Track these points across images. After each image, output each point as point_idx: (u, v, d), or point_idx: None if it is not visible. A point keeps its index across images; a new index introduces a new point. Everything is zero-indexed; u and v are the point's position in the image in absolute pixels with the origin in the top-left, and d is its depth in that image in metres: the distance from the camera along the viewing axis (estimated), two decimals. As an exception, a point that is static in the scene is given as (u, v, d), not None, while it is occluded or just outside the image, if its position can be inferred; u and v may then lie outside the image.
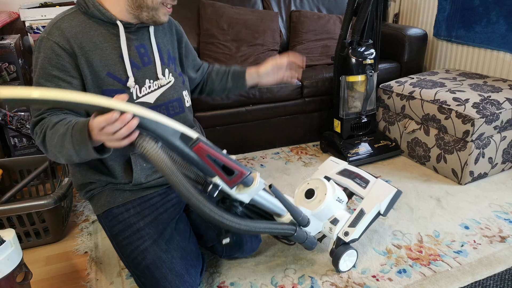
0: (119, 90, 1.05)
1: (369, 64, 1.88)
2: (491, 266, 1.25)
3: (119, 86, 1.05)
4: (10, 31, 2.17)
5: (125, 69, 1.06)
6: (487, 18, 2.05)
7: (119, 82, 1.06)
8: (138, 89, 1.08)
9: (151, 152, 0.81)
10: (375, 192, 1.25)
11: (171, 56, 1.19)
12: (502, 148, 1.77)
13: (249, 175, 0.93)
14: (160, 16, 1.06)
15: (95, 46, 1.03)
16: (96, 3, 1.04)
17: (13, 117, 1.80)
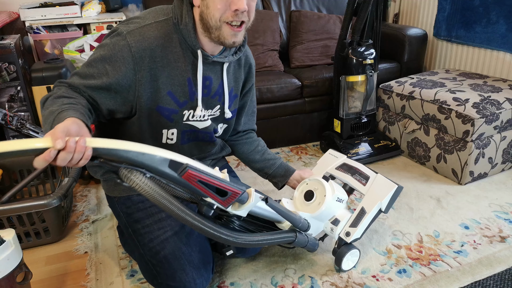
0: (173, 110, 1.08)
1: (369, 64, 1.88)
2: (491, 266, 1.25)
3: (174, 106, 1.07)
4: (10, 31, 2.17)
5: (187, 92, 1.07)
6: (487, 18, 2.05)
7: (175, 102, 1.07)
8: (192, 113, 1.11)
9: (139, 184, 0.80)
10: (375, 189, 1.22)
11: (232, 94, 1.20)
12: (502, 148, 1.77)
13: (244, 193, 0.91)
14: (225, 36, 0.99)
15: (167, 63, 1.03)
16: (190, 25, 1.01)
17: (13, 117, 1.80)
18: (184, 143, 1.16)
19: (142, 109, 1.05)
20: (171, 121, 1.09)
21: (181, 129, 1.12)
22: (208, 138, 1.20)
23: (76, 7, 2.14)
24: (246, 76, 1.23)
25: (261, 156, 1.34)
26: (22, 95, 1.85)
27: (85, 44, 2.01)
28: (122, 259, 1.33)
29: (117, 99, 1.02)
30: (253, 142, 1.35)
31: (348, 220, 1.21)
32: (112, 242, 1.42)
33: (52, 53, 2.14)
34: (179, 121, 1.10)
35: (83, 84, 0.99)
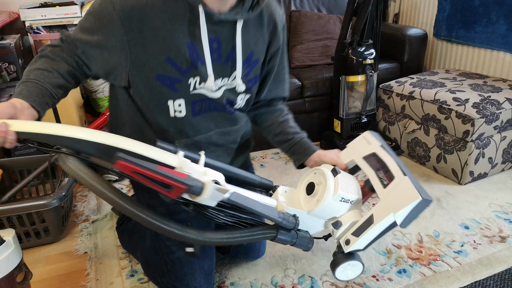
0: (175, 79, 0.94)
1: (369, 64, 1.88)
2: (491, 266, 1.25)
3: (177, 75, 0.94)
4: (10, 31, 2.17)
5: (188, 58, 0.92)
6: (487, 18, 2.05)
7: (177, 70, 0.93)
8: (198, 81, 0.96)
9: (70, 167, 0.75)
10: (394, 196, 0.96)
11: (251, 60, 1.01)
12: (502, 148, 1.76)
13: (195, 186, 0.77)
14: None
15: (162, 25, 0.88)
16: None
17: (13, 117, 1.80)
18: (196, 115, 1.01)
19: (139, 77, 0.94)
20: (175, 91, 0.96)
21: (188, 99, 0.98)
22: (223, 108, 1.04)
23: (76, 7, 2.14)
24: (270, 37, 1.03)
25: (282, 129, 1.13)
26: (22, 95, 1.85)
27: (85, 44, 2.00)
28: (122, 259, 1.33)
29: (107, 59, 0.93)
30: (275, 112, 1.16)
31: (352, 225, 0.98)
32: (112, 242, 1.42)
33: (52, 53, 2.13)
34: (185, 91, 0.97)
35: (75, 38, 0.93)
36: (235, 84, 1.01)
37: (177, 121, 0.99)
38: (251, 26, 0.98)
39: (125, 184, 1.80)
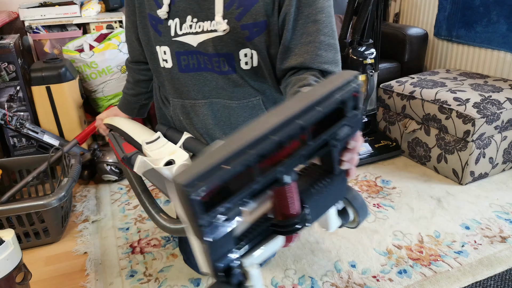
0: (158, 19, 0.90)
1: (369, 64, 1.88)
2: (491, 267, 1.25)
3: (158, 14, 0.90)
4: (9, 31, 2.17)
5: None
6: (487, 17, 2.05)
7: (158, 7, 0.90)
8: (178, 25, 0.90)
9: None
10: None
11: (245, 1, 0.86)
12: (503, 148, 1.76)
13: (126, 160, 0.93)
14: None
15: None
16: None
17: (13, 117, 1.79)
18: (184, 71, 0.95)
19: (139, 18, 0.98)
20: (159, 33, 0.93)
21: (173, 48, 0.93)
22: (218, 67, 0.91)
23: (75, 6, 2.13)
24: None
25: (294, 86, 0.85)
26: (22, 95, 1.85)
27: (85, 43, 2.00)
28: (121, 259, 1.33)
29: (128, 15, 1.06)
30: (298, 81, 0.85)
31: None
32: (112, 242, 1.42)
33: (52, 52, 2.13)
34: (167, 35, 0.92)
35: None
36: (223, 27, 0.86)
37: (167, 74, 0.99)
38: None
39: (125, 184, 1.80)
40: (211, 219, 0.45)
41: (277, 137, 0.46)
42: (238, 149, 0.43)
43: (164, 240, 1.41)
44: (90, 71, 1.96)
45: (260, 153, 0.45)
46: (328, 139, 0.54)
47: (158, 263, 1.30)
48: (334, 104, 0.52)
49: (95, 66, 1.95)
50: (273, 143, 0.46)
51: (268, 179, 0.48)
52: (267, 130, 0.45)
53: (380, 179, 1.80)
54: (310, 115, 0.49)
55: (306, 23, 0.85)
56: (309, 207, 0.59)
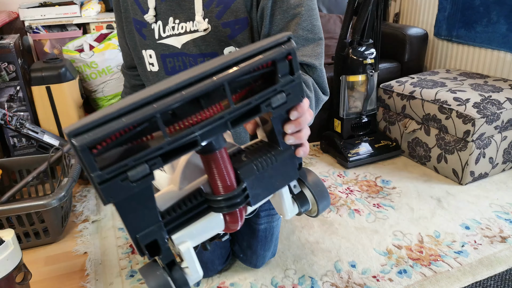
0: (142, 23, 0.91)
1: (369, 64, 1.88)
2: (491, 267, 1.25)
3: (141, 18, 0.90)
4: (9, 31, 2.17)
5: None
6: (487, 17, 2.05)
7: (141, 11, 0.90)
8: (161, 27, 0.90)
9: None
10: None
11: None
12: (503, 148, 1.76)
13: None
14: None
15: None
16: None
17: (13, 117, 1.79)
18: (170, 74, 0.95)
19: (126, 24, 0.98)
20: (144, 37, 0.94)
21: (158, 51, 0.94)
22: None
23: (75, 6, 2.13)
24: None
25: None
26: (22, 95, 1.85)
27: (85, 43, 2.00)
28: (121, 259, 1.33)
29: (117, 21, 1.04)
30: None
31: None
32: (112, 242, 1.42)
33: (52, 52, 2.13)
34: (152, 38, 0.93)
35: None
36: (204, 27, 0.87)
37: (155, 78, 0.99)
38: None
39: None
40: (106, 175, 0.41)
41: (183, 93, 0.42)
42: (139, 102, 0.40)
43: (164, 240, 1.41)
44: (90, 71, 1.96)
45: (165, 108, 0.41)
46: (259, 104, 0.49)
47: (158, 263, 1.30)
48: (260, 64, 0.48)
49: (95, 66, 1.95)
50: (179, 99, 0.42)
51: (181, 141, 0.44)
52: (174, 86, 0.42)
53: (380, 179, 1.80)
54: (229, 73, 0.45)
55: (284, 18, 0.85)
56: (248, 184, 0.53)
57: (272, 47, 0.49)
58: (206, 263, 1.18)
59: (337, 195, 1.67)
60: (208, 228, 0.54)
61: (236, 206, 0.52)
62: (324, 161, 1.97)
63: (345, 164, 1.90)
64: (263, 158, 0.55)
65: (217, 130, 0.47)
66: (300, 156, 0.57)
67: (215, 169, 0.51)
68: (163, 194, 0.54)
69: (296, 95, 0.52)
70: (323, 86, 0.89)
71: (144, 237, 0.48)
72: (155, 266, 0.51)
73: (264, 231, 1.19)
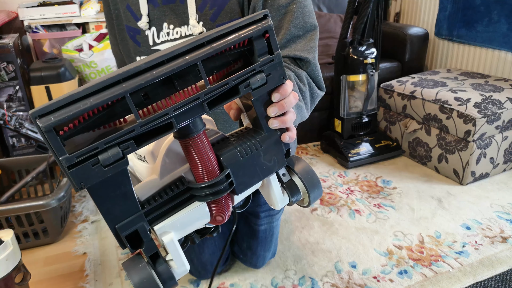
0: (135, 30, 0.91)
1: (370, 64, 1.87)
2: (492, 267, 1.24)
3: (135, 25, 0.90)
4: (8, 30, 2.16)
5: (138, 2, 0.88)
6: (488, 17, 2.04)
7: (134, 18, 0.90)
8: (155, 33, 0.90)
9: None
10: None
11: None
12: (504, 148, 1.76)
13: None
14: None
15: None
16: None
17: (12, 116, 1.79)
18: None
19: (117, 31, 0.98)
20: (138, 44, 0.94)
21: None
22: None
23: (75, 6, 2.13)
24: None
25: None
26: (21, 94, 1.84)
27: (84, 43, 2.00)
28: (121, 259, 1.32)
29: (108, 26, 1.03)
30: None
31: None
32: (111, 242, 1.41)
33: (51, 52, 2.13)
34: (146, 45, 0.93)
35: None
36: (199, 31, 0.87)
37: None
38: None
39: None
40: (74, 158, 0.39)
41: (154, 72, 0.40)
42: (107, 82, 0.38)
43: (164, 241, 1.41)
44: (89, 70, 1.96)
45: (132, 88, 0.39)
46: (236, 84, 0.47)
47: (158, 264, 1.30)
48: (235, 43, 0.45)
49: (94, 66, 1.94)
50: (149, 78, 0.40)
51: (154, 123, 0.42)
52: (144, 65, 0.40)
53: (380, 179, 1.79)
54: (202, 51, 0.43)
55: (276, 16, 0.84)
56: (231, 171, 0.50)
57: (248, 25, 0.46)
58: (206, 265, 1.18)
59: (337, 195, 1.67)
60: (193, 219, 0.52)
61: (220, 194, 0.50)
62: (325, 161, 1.97)
63: (346, 164, 1.90)
64: (247, 144, 0.52)
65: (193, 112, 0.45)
66: (286, 141, 0.54)
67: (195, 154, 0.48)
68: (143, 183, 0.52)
69: (277, 76, 0.50)
70: (318, 81, 0.88)
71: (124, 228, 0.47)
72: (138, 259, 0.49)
73: (264, 231, 1.18)
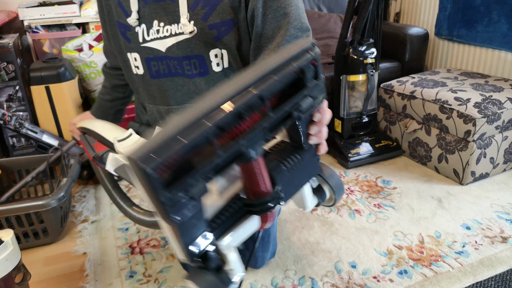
0: (126, 26, 0.91)
1: (370, 64, 1.87)
2: (492, 267, 1.24)
3: (125, 21, 0.91)
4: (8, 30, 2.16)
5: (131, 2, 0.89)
6: (488, 17, 2.04)
7: (124, 14, 0.91)
8: (145, 30, 0.90)
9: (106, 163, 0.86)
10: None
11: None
12: (504, 148, 1.76)
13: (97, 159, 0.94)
14: None
15: None
16: None
17: (12, 117, 1.79)
18: (155, 78, 0.95)
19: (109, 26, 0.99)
20: (128, 41, 0.94)
21: (142, 54, 0.94)
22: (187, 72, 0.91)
23: (75, 6, 2.13)
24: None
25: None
26: (21, 94, 1.84)
27: (84, 43, 2.00)
28: (121, 260, 1.32)
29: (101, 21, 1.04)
30: None
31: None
32: (111, 242, 1.41)
33: (51, 52, 2.12)
34: (136, 42, 0.93)
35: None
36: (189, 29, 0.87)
37: (140, 81, 1.00)
38: None
39: (124, 184, 1.80)
40: (173, 196, 0.41)
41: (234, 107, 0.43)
42: (193, 120, 0.41)
43: (164, 241, 1.41)
44: (89, 70, 1.96)
45: (218, 124, 0.42)
46: (291, 110, 0.52)
47: (158, 264, 1.30)
48: (292, 72, 0.50)
49: (94, 66, 1.94)
50: (230, 113, 0.43)
51: (231, 153, 0.46)
52: (222, 100, 0.43)
53: (380, 179, 1.79)
54: (266, 84, 0.47)
55: (275, 17, 0.86)
56: (280, 185, 0.56)
57: (300, 55, 0.51)
58: None
59: (337, 195, 1.67)
60: (248, 230, 0.58)
61: (273, 207, 0.56)
62: (324, 161, 1.97)
63: (346, 164, 1.90)
64: (291, 159, 0.58)
65: (259, 139, 0.49)
66: (321, 153, 0.62)
67: (253, 176, 0.53)
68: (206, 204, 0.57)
69: (319, 98, 0.56)
70: None
71: (196, 248, 0.50)
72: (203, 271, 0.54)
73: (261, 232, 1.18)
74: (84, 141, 1.06)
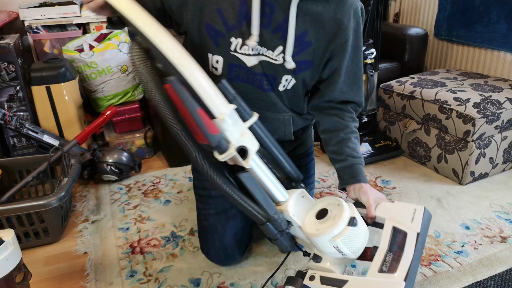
0: (220, 33, 0.98)
1: (369, 64, 1.88)
2: (491, 267, 1.25)
3: (222, 29, 0.98)
4: (9, 31, 2.16)
5: (236, 14, 0.96)
6: (487, 17, 2.05)
7: (223, 24, 0.98)
8: (240, 44, 0.99)
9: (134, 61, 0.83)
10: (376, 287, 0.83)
11: (304, 40, 0.99)
12: (503, 148, 1.76)
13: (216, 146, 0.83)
14: None
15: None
16: None
17: (13, 117, 1.79)
18: (232, 80, 1.03)
19: (192, 20, 1.01)
20: (217, 45, 1.01)
21: (227, 59, 1.03)
22: (261, 85, 1.04)
23: (75, 6, 2.13)
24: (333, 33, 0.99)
25: (339, 147, 1.07)
26: (22, 95, 1.85)
27: (85, 43, 2.00)
28: (121, 259, 1.33)
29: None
30: (336, 122, 1.08)
31: (326, 271, 0.91)
32: (112, 242, 1.42)
33: (52, 52, 2.13)
34: (226, 49, 1.01)
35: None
36: (280, 60, 1.00)
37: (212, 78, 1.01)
38: (311, 9, 0.96)
39: (125, 184, 1.80)
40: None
41: None
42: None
43: (164, 240, 1.41)
44: (90, 71, 1.96)
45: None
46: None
47: (158, 263, 1.30)
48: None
49: (95, 66, 1.95)
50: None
51: None
52: None
53: (380, 179, 1.80)
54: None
55: (348, 81, 1.07)
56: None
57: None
58: (227, 248, 1.22)
59: (337, 195, 1.67)
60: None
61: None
62: (324, 161, 1.97)
63: (345, 164, 1.90)
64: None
65: None
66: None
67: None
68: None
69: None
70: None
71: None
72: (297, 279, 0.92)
73: None
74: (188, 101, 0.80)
